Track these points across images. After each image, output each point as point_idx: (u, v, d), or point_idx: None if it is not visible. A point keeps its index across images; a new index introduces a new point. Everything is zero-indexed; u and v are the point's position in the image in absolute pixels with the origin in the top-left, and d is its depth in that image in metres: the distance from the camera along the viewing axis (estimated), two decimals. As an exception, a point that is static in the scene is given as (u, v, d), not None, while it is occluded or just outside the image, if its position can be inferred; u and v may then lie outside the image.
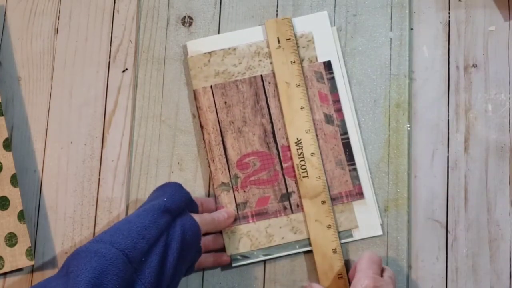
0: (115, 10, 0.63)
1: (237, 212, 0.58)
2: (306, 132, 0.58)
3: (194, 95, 0.60)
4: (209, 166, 0.59)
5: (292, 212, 0.57)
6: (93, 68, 0.62)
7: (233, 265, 0.57)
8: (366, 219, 0.57)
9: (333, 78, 0.59)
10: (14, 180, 0.57)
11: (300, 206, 0.57)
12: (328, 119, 0.59)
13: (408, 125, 0.60)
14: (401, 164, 0.59)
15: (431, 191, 0.59)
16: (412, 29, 0.62)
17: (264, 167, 0.58)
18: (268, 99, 0.59)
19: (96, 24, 0.62)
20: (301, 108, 0.58)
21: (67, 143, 0.60)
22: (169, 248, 0.47)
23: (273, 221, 0.57)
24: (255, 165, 0.58)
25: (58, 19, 0.63)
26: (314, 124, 0.58)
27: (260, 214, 0.58)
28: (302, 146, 0.58)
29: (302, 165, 0.57)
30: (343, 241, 0.57)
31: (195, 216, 0.52)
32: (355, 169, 0.58)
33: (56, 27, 0.62)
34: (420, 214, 0.59)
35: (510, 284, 0.58)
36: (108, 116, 0.61)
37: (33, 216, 0.59)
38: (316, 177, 0.57)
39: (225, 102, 0.59)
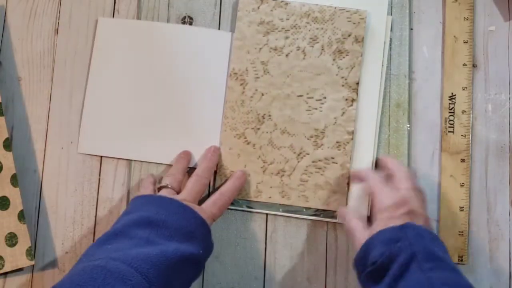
0: (115, 10, 0.63)
1: None
2: (463, 89, 0.59)
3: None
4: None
5: (288, 175, 0.58)
6: (93, 68, 0.62)
7: None
8: (355, 207, 0.58)
9: None
10: (14, 180, 0.57)
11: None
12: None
13: (408, 125, 0.60)
14: (401, 164, 0.59)
15: (431, 191, 0.59)
16: (412, 29, 0.62)
17: None
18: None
19: (96, 24, 0.62)
20: (463, 65, 0.60)
21: (67, 143, 0.60)
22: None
23: (266, 179, 0.58)
24: None
25: (58, 19, 0.63)
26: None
27: None
28: (455, 102, 0.59)
29: (450, 120, 0.59)
30: (325, 219, 0.58)
31: (204, 213, 0.51)
32: None
33: (56, 27, 0.62)
34: (420, 214, 0.59)
35: (510, 284, 0.58)
36: (108, 116, 0.61)
37: (33, 216, 0.59)
38: (462, 135, 0.58)
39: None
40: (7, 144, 0.57)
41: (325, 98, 0.59)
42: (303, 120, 0.59)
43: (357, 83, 0.59)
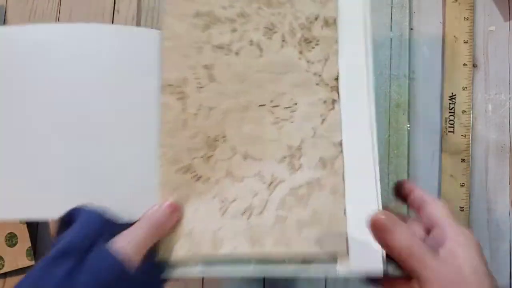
0: (115, 10, 0.63)
1: None
2: (463, 89, 0.59)
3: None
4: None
5: (258, 213, 0.40)
6: (93, 68, 0.62)
7: (163, 276, 0.39)
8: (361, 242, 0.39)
9: None
10: (14, 180, 0.57)
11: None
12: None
13: (408, 125, 0.60)
14: (401, 164, 0.59)
15: (431, 191, 0.59)
16: (412, 29, 0.62)
17: None
18: None
19: (96, 24, 0.62)
20: (463, 65, 0.59)
21: (67, 143, 0.60)
22: None
23: (227, 224, 0.40)
24: None
25: (58, 19, 0.63)
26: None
27: None
28: (455, 102, 0.59)
29: (450, 120, 0.58)
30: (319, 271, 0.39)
31: (118, 242, 0.35)
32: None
33: (56, 27, 0.62)
34: (420, 214, 0.59)
35: (510, 284, 0.58)
36: (108, 116, 0.61)
37: (33, 216, 0.59)
38: (462, 135, 0.58)
39: None
40: (7, 144, 0.57)
41: (295, 104, 0.43)
42: (270, 137, 0.42)
43: (336, 79, 0.43)
